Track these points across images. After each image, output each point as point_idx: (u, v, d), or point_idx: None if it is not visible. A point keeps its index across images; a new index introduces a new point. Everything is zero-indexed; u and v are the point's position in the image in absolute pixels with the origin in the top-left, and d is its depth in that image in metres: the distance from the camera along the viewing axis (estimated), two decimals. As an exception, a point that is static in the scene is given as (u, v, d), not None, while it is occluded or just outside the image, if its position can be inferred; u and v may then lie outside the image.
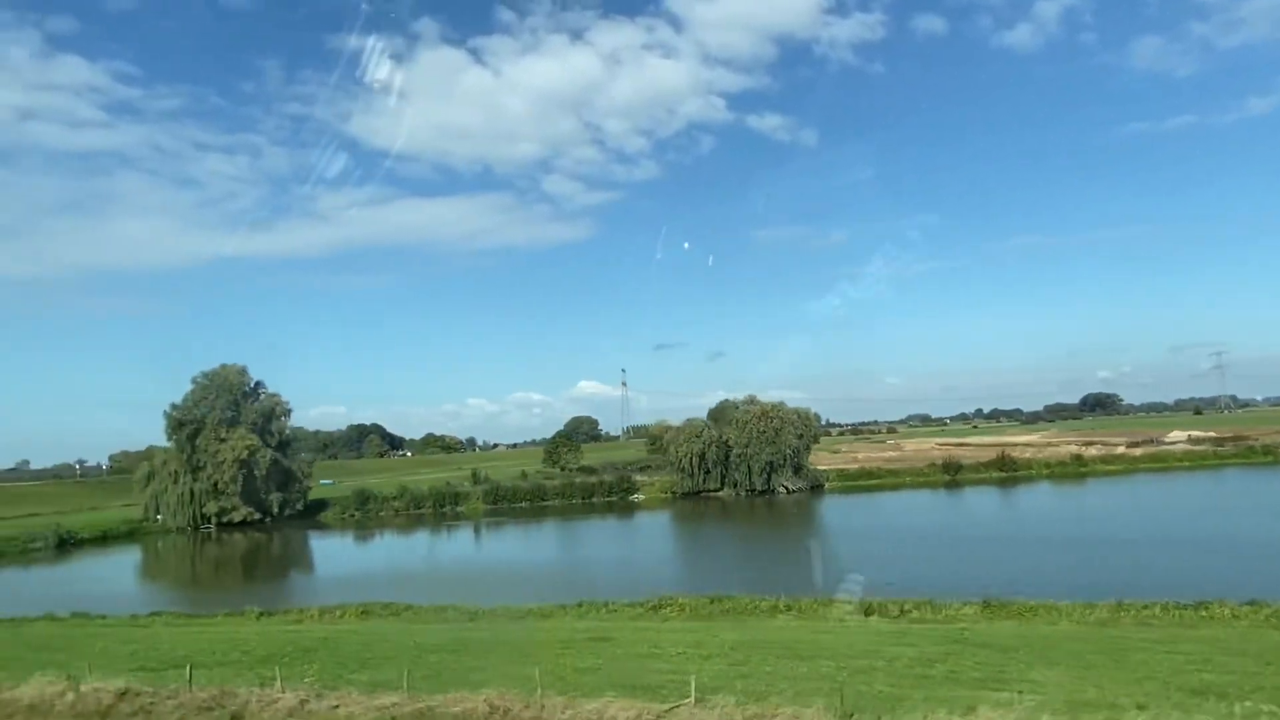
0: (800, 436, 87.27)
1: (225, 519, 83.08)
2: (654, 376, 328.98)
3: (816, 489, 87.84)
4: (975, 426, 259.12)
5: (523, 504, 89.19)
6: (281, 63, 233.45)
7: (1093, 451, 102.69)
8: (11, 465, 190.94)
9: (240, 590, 45.77)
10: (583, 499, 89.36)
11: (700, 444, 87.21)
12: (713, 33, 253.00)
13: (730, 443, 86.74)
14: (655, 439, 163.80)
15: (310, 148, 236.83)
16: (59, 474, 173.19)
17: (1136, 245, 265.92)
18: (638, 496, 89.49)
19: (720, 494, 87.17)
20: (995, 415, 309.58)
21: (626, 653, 19.93)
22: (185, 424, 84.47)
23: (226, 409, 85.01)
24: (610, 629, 23.28)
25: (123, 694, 17.18)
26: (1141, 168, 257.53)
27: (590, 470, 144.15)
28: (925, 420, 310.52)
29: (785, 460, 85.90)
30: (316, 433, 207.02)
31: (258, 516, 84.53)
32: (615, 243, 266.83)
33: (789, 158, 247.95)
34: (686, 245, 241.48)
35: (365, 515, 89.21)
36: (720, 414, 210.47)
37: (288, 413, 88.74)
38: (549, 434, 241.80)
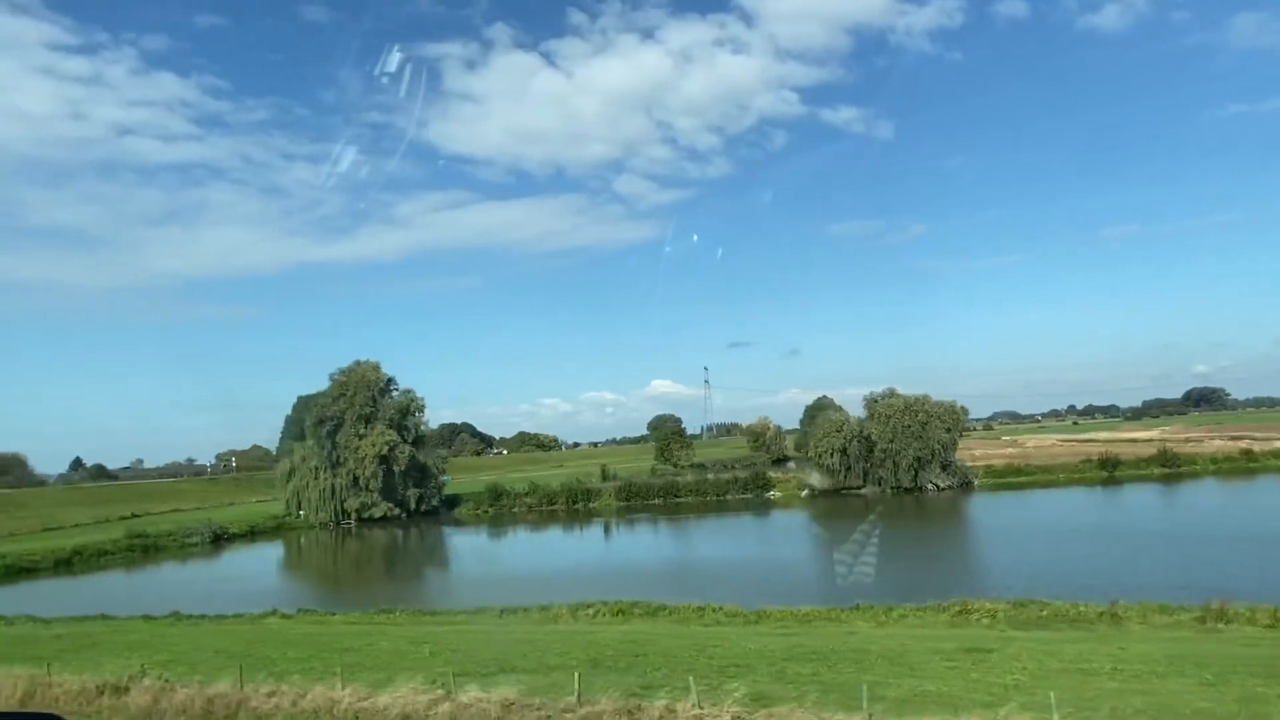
0: (948, 430, 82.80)
1: (366, 514, 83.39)
2: (728, 375, 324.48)
3: (965, 486, 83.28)
4: (1075, 423, 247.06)
5: (656, 500, 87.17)
6: (361, 72, 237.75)
7: (1255, 446, 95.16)
8: (126, 464, 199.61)
9: (437, 587, 44.55)
10: (717, 496, 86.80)
11: (842, 439, 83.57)
12: (785, 26, 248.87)
13: (873, 437, 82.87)
14: (757, 435, 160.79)
15: (389, 155, 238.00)
16: (167, 473, 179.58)
17: (1235, 232, 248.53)
18: (774, 494, 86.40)
19: (863, 491, 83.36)
20: (1089, 412, 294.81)
21: (1041, 668, 17.11)
22: (325, 421, 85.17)
23: (364, 405, 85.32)
24: (983, 639, 20.45)
25: (509, 705, 15.19)
26: (1239, 151, 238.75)
27: (701, 467, 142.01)
28: (1015, 417, 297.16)
29: (933, 456, 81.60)
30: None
31: (397, 512, 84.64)
32: (687, 241, 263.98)
33: (864, 151, 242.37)
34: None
35: (499, 511, 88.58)
36: (817, 410, 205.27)
37: (422, 409, 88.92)
38: (624, 433, 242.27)
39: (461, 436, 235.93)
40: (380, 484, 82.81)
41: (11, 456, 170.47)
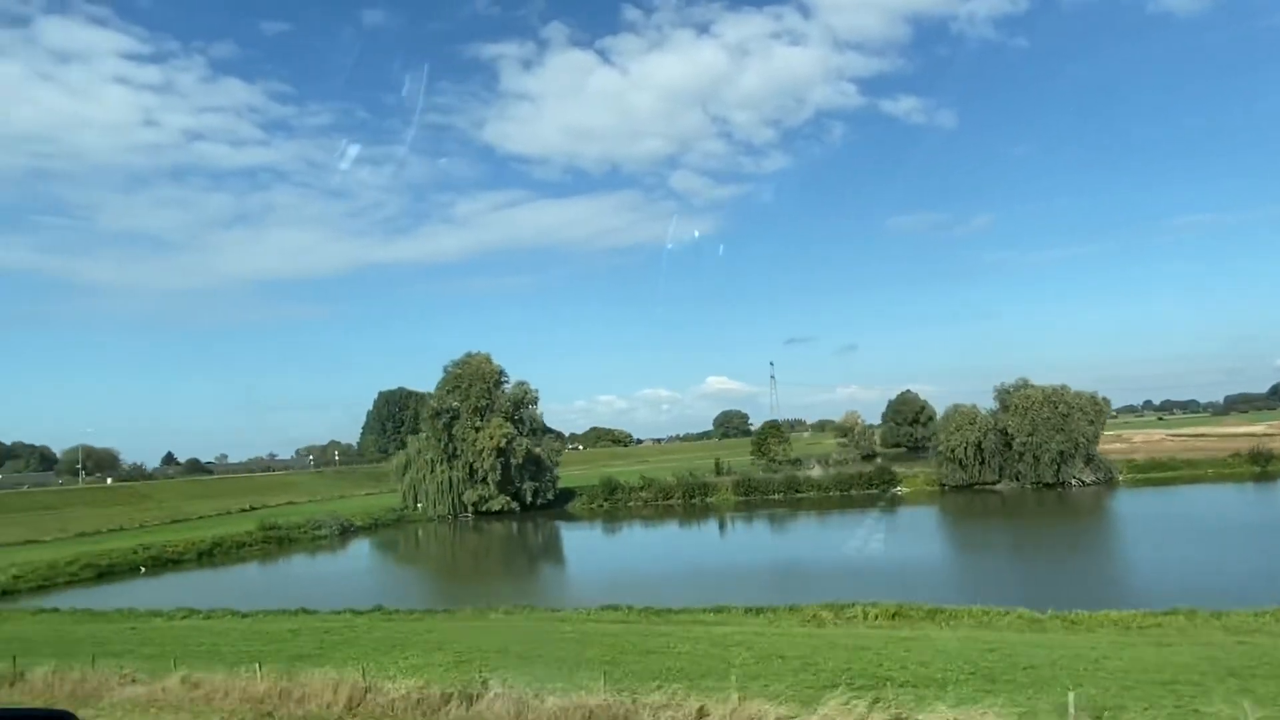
0: (1091, 422, 78.40)
1: (484, 508, 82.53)
2: (782, 371, 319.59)
3: (1109, 482, 78.81)
4: (1161, 419, 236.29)
5: (775, 495, 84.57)
6: (420, 75, 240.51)
7: None
8: (212, 458, 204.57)
9: (622, 583, 42.60)
10: (841, 491, 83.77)
11: (976, 432, 79.78)
12: (843, 16, 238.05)
13: (1010, 430, 78.90)
14: (846, 430, 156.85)
15: (448, 156, 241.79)
16: (253, 467, 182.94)
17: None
18: (900, 489, 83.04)
19: (997, 487, 79.49)
20: (1168, 406, 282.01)
21: None
22: (441, 413, 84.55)
23: (480, 397, 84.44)
24: None
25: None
26: None
27: (796, 462, 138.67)
28: None
29: (1076, 449, 77.34)
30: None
31: (514, 505, 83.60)
32: (742, 236, 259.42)
33: (925, 141, 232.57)
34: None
35: (614, 505, 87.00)
36: (901, 404, 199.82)
37: (535, 400, 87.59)
38: (681, 430, 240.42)
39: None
40: (499, 476, 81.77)
41: (105, 451, 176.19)
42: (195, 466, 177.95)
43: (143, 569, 56.53)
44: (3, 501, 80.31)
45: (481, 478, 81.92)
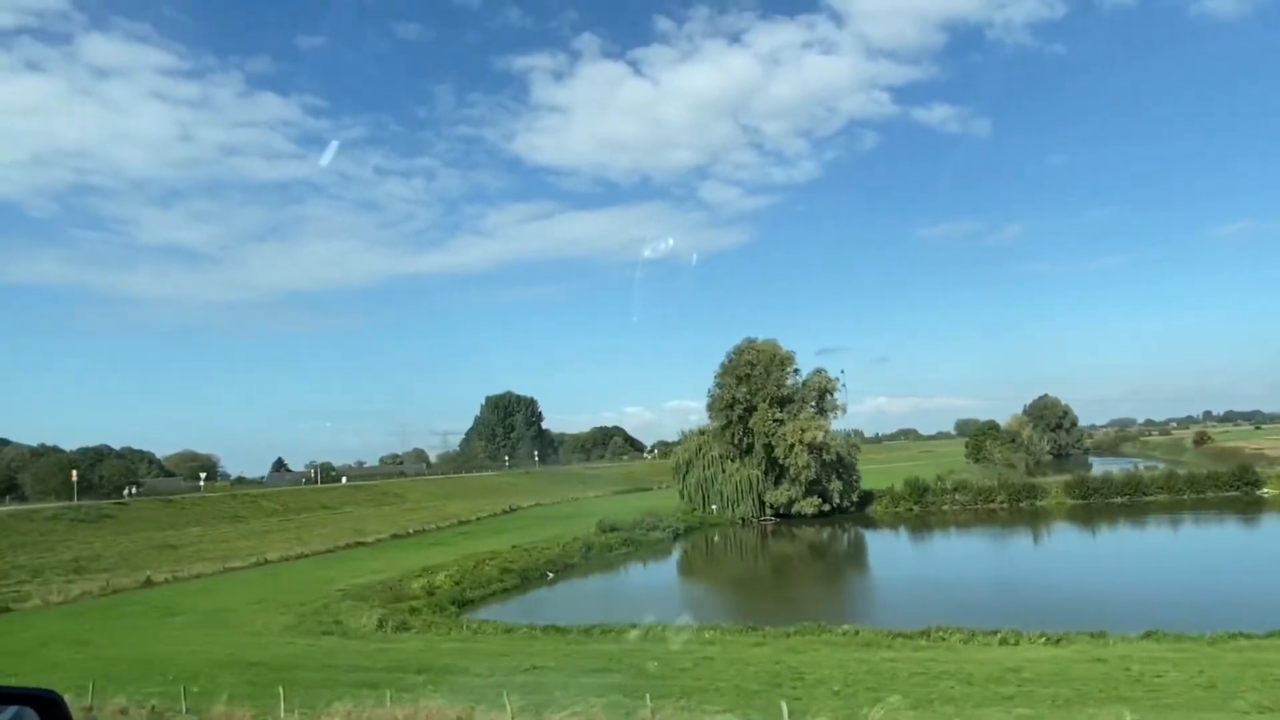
0: None
1: (794, 510, 73.24)
2: None
3: None
4: (1228, 430, 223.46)
5: (1118, 499, 74.68)
6: (452, 87, 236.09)
7: None
8: (265, 472, 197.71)
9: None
10: (1195, 493, 73.80)
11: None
12: (875, 25, 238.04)
13: None
14: (1012, 436, 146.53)
15: (479, 168, 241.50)
16: (384, 472, 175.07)
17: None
18: (1265, 491, 72.92)
19: None
20: (1230, 417, 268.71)
21: None
22: (733, 404, 75.49)
23: (775, 386, 75.43)
24: None
25: None
26: None
27: (1011, 466, 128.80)
28: (1145, 424, 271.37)
29: None
30: (562, 435, 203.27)
31: (825, 508, 74.20)
32: (773, 247, 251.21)
33: (959, 150, 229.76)
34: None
35: (924, 509, 77.45)
36: (1042, 408, 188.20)
37: (834, 389, 78.03)
38: None
39: (615, 440, 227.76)
40: (812, 475, 72.46)
41: (207, 457, 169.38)
42: (327, 474, 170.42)
43: (549, 575, 47.69)
44: (288, 502, 71.92)
45: (793, 476, 72.57)
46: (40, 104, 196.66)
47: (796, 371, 77.94)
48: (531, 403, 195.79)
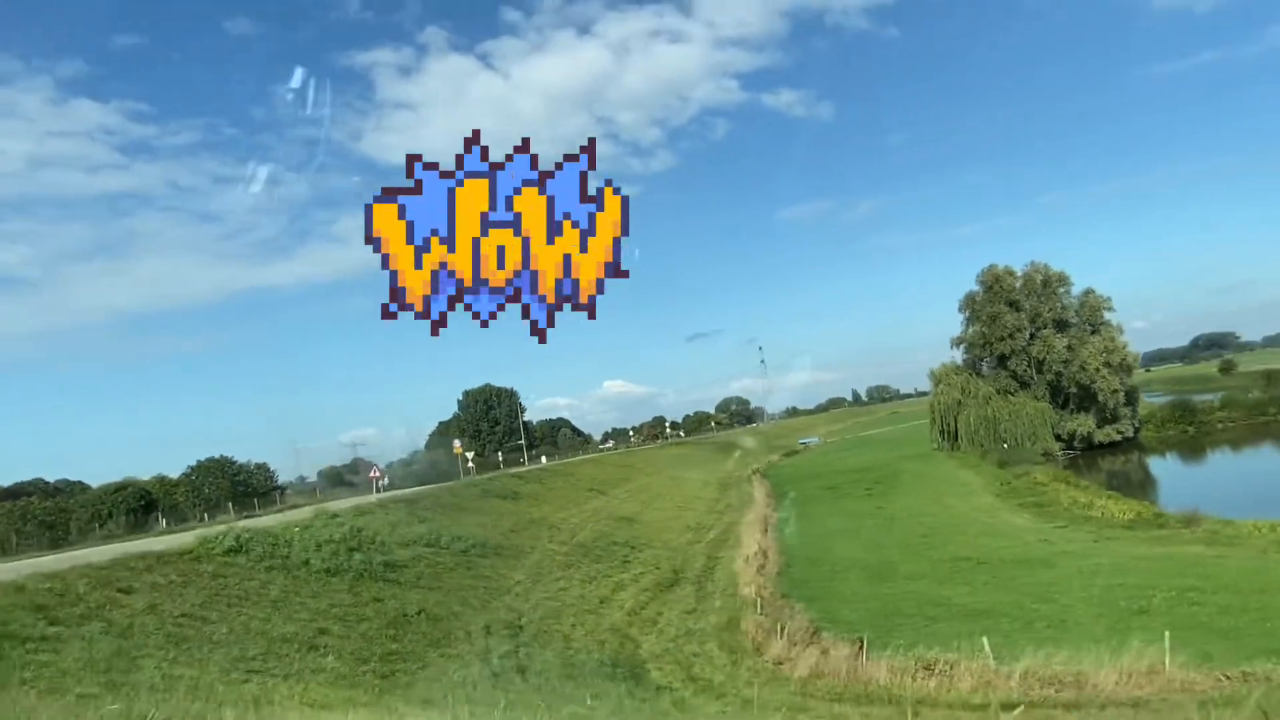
0: None
1: (1095, 439, 68.05)
2: (685, 369, 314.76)
3: None
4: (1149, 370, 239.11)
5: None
6: (290, 87, 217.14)
7: None
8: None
9: None
10: None
11: None
12: (721, 12, 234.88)
13: None
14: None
15: (326, 171, 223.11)
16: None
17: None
18: None
19: None
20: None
21: None
22: (1015, 333, 69.85)
23: (1051, 310, 70.37)
24: None
25: None
26: (1166, 110, 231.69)
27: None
28: None
29: None
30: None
31: (1118, 437, 69.26)
32: (636, 237, 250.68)
33: (806, 133, 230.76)
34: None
35: (1199, 430, 73.71)
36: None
37: (1109, 308, 72.78)
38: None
39: (563, 432, 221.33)
40: (1121, 400, 67.49)
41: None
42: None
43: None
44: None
45: (1102, 403, 67.01)
46: None
47: (1061, 295, 73.05)
48: (512, 394, 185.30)
